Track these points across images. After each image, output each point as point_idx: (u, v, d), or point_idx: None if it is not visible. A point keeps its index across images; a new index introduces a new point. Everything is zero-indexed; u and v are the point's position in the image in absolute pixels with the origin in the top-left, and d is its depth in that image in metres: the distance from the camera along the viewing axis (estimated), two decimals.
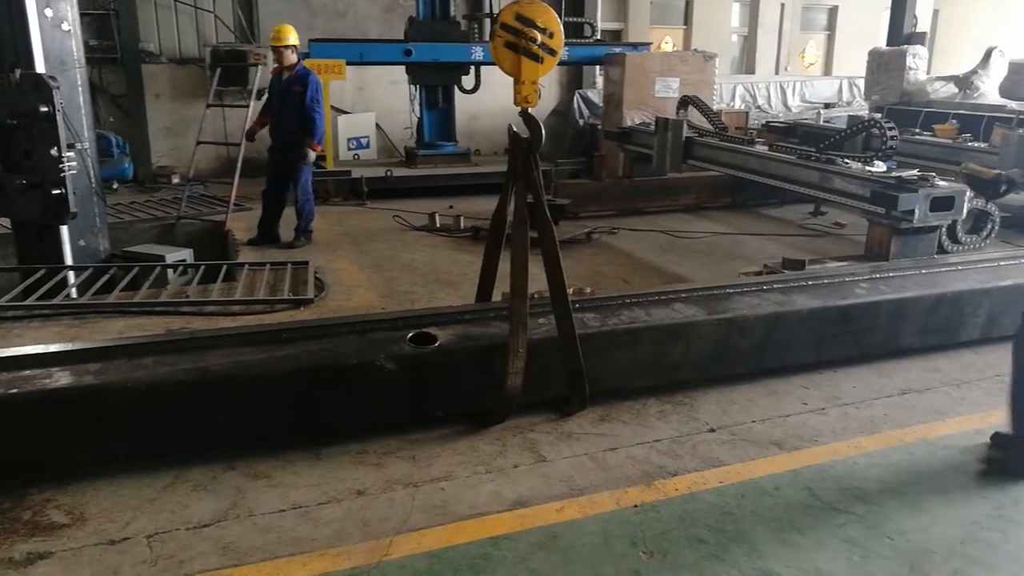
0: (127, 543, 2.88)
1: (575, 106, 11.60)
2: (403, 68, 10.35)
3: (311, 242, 7.23)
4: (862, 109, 12.85)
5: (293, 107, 6.90)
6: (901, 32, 11.93)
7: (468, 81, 10.72)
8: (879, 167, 5.88)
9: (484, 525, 3.02)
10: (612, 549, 2.88)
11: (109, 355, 3.51)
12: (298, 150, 6.94)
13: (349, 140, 11.73)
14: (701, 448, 3.64)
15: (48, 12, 5.85)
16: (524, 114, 3.87)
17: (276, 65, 7.10)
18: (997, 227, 6.34)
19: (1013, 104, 9.73)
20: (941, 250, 5.90)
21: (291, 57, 6.96)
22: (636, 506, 3.15)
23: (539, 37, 3.75)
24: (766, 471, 3.44)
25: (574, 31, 11.36)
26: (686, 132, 7.85)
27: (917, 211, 5.30)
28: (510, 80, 3.86)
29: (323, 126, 7.01)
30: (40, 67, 5.77)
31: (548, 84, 12.68)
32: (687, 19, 15.65)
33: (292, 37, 6.92)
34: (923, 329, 4.73)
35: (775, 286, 4.66)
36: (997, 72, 10.69)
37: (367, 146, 11.96)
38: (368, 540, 2.91)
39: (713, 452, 3.60)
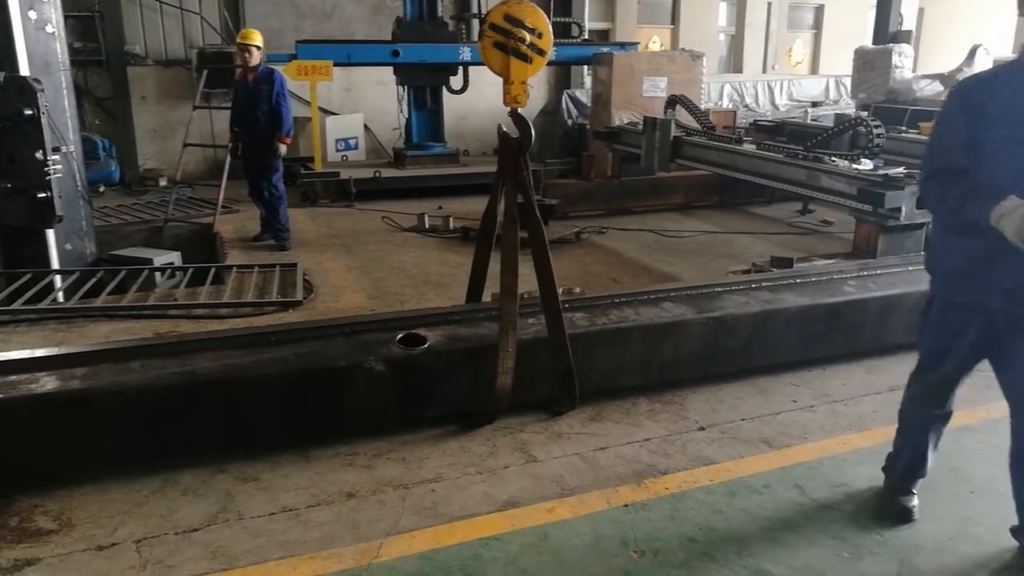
0: (115, 548, 2.86)
1: (563, 106, 11.61)
2: (391, 69, 10.34)
3: (290, 240, 7.26)
4: (849, 107, 12.90)
5: (264, 106, 7.07)
6: (887, 31, 12.00)
7: (456, 81, 10.70)
8: (866, 165, 5.90)
9: (475, 526, 3.01)
10: (603, 549, 2.88)
11: (96, 359, 3.49)
12: (269, 147, 7.10)
13: (337, 141, 11.67)
14: (691, 447, 3.65)
15: (32, 14, 5.81)
16: (513, 114, 3.87)
17: (241, 68, 7.32)
18: None
19: None
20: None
21: (257, 57, 7.18)
22: (626, 505, 3.15)
23: (528, 37, 3.75)
24: (756, 469, 3.45)
25: (562, 31, 11.34)
26: (674, 131, 7.85)
27: (904, 208, 5.32)
28: (499, 80, 3.86)
29: (291, 120, 7.22)
30: (24, 70, 5.72)
31: (536, 84, 12.69)
32: (674, 18, 15.68)
33: (259, 39, 7.22)
34: (911, 326, 4.70)
35: (764, 284, 4.69)
36: (982, 70, 10.73)
37: (355, 147, 11.91)
38: (358, 542, 2.91)
39: (703, 451, 3.61)
